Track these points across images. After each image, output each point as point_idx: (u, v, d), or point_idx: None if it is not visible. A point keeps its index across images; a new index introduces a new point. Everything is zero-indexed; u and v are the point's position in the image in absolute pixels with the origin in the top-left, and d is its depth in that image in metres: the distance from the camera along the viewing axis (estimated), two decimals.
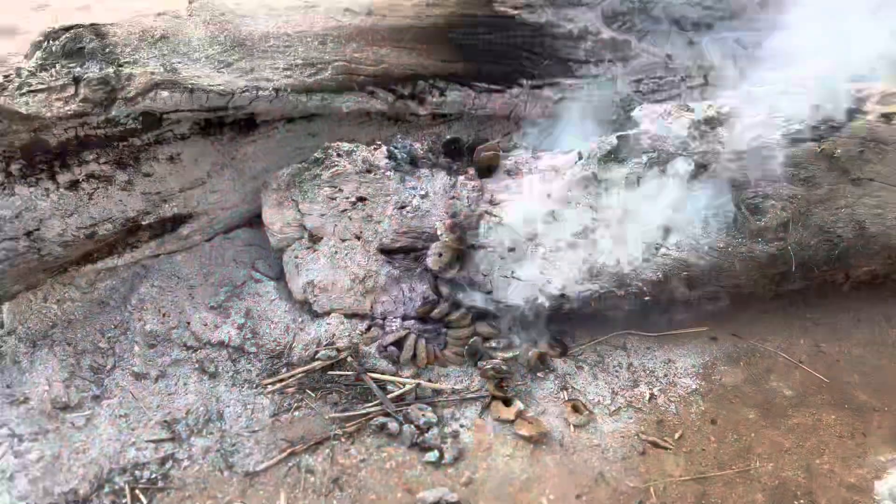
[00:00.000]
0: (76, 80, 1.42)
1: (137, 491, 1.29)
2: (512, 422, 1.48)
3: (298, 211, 1.62)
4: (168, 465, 1.35)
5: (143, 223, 1.60)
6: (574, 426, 1.49)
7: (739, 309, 1.81)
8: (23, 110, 1.35)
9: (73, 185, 1.47)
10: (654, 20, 2.34)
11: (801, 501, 1.41)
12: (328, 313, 1.60)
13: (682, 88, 2.27)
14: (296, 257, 1.62)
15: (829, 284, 1.71)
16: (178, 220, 1.67)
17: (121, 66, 1.45)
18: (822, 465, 1.47)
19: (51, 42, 1.51)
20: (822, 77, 1.90)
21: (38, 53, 1.53)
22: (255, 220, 1.84)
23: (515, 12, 1.93)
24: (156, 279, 1.66)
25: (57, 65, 1.48)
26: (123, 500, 1.28)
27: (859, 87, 1.76)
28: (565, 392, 1.56)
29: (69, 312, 1.60)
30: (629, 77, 2.13)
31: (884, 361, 1.71)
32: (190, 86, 1.44)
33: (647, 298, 1.56)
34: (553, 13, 2.04)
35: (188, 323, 1.58)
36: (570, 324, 1.69)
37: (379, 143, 1.67)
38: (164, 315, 1.60)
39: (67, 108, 1.39)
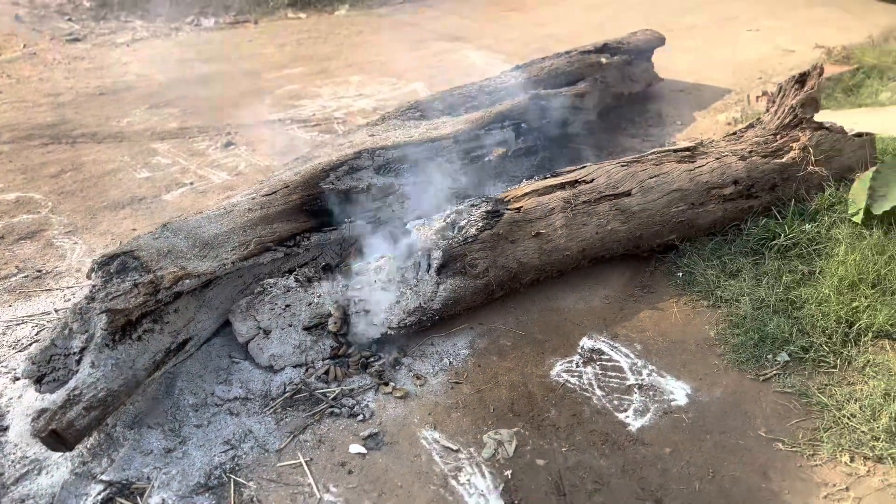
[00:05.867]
0: (136, 285, 2.58)
1: (230, 474, 2.50)
2: (391, 392, 2.89)
3: (255, 320, 2.89)
4: (236, 459, 2.57)
5: (171, 349, 2.77)
6: (419, 386, 2.94)
7: (482, 309, 3.40)
8: (119, 307, 2.50)
9: (139, 337, 2.62)
10: (401, 162, 3.90)
11: (520, 388, 2.98)
12: (283, 368, 2.90)
13: (423, 199, 3.85)
14: (258, 345, 2.90)
15: (516, 290, 3.36)
16: (184, 343, 2.85)
17: (154, 272, 2.64)
18: (528, 371, 3.03)
19: (106, 266, 2.65)
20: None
21: (98, 273, 2.66)
22: (219, 330, 3.06)
23: (332, 186, 3.36)
24: (181, 378, 2.83)
25: (115, 278, 2.63)
26: (223, 480, 2.49)
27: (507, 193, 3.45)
28: (411, 372, 3.00)
29: (139, 407, 2.72)
30: (399, 202, 3.65)
31: (546, 318, 3.39)
32: (197, 274, 2.67)
33: (436, 318, 3.07)
34: (350, 179, 3.50)
35: (212, 393, 2.78)
36: (406, 339, 3.13)
37: (288, 274, 3.00)
38: (195, 394, 2.79)
39: (137, 300, 2.55)
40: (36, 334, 3.16)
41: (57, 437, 2.26)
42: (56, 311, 3.33)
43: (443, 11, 10.08)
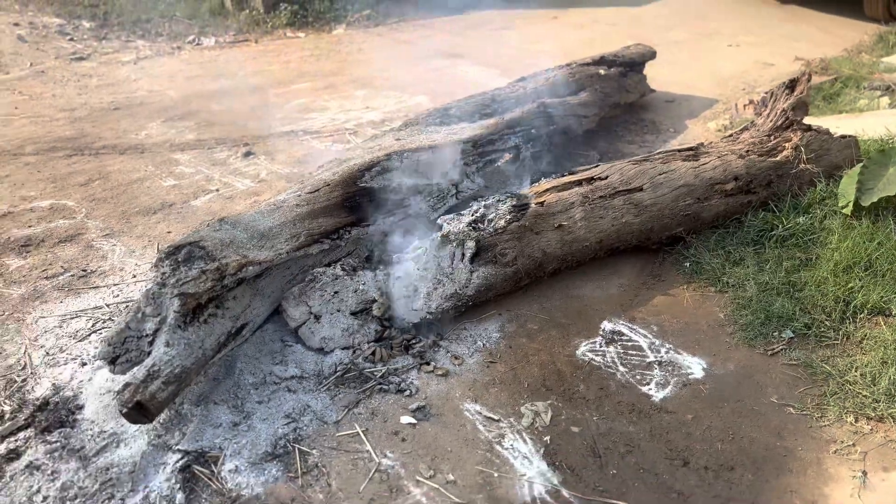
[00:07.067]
0: (203, 272, 2.78)
1: (294, 443, 2.70)
2: (432, 371, 3.10)
3: (307, 305, 3.10)
4: (297, 431, 2.76)
5: (232, 332, 2.97)
6: (457, 365, 3.16)
7: (508, 297, 3.64)
8: (190, 291, 2.69)
9: (205, 321, 2.82)
10: (427, 163, 4.14)
11: (549, 367, 3.22)
12: (333, 350, 3.11)
13: (447, 197, 4.10)
14: (309, 328, 3.10)
15: (540, 278, 3.61)
16: (241, 328, 3.05)
17: (220, 259, 2.84)
18: (556, 351, 3.28)
19: (173, 255, 2.84)
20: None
21: (167, 262, 2.85)
22: (269, 318, 3.26)
23: (368, 184, 3.59)
24: (239, 360, 3.03)
25: (182, 266, 2.82)
26: (288, 449, 2.68)
27: (533, 189, 3.71)
28: (449, 353, 3.22)
29: (202, 386, 2.91)
30: (426, 199, 3.90)
31: (567, 304, 3.63)
32: (258, 262, 2.87)
33: (469, 304, 3.30)
34: (382, 179, 3.74)
35: (270, 372, 2.98)
36: (442, 323, 3.34)
37: (334, 264, 3.21)
38: (253, 374, 2.98)
39: (206, 285, 2.75)
40: (91, 326, 3.34)
41: (140, 409, 2.44)
42: (107, 305, 3.50)
43: (436, 30, 10.40)
